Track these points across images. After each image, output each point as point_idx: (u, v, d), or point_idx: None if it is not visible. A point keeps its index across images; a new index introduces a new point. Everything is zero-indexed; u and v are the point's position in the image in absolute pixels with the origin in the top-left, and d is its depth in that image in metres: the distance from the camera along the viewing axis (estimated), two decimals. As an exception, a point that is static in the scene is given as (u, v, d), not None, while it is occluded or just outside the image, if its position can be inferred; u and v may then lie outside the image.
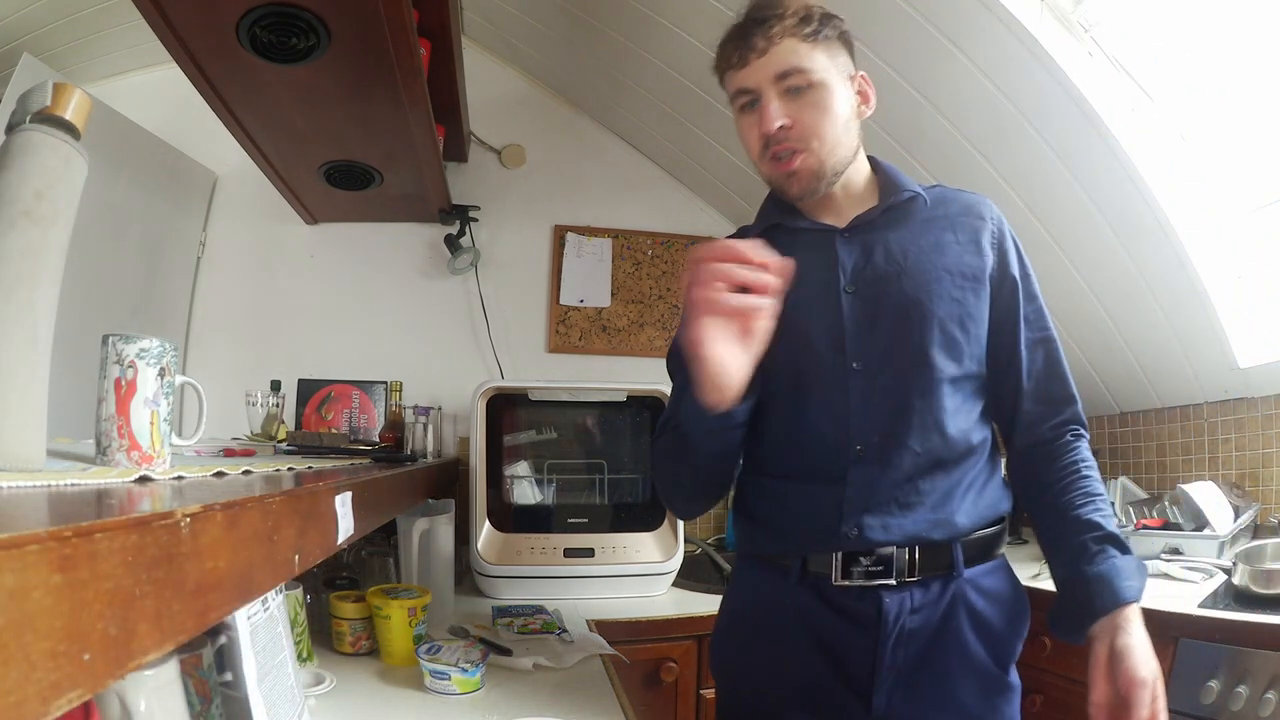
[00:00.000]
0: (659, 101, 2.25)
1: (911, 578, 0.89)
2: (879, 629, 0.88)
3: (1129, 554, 0.87)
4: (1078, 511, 0.90)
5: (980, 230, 0.97)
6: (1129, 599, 0.83)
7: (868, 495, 0.89)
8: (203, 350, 2.22)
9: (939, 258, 0.94)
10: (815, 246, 0.96)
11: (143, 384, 0.63)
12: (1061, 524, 0.91)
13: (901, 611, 0.88)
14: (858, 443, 0.90)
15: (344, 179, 1.94)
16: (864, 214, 0.96)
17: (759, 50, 0.89)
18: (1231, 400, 1.83)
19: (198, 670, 0.73)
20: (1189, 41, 1.59)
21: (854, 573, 0.89)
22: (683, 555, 1.80)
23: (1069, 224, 1.79)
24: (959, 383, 0.93)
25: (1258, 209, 1.73)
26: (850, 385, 0.91)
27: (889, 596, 0.88)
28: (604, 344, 2.46)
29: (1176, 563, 1.53)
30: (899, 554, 0.88)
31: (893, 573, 0.88)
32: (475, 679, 1.09)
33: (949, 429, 0.91)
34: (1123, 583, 0.83)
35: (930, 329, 0.91)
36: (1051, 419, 0.96)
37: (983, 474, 0.94)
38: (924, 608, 0.89)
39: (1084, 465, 0.93)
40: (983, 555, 0.93)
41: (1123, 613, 0.83)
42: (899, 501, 0.89)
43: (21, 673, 0.25)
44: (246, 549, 0.47)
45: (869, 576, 0.89)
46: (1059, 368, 0.97)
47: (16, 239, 0.52)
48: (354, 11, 1.24)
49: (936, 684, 0.89)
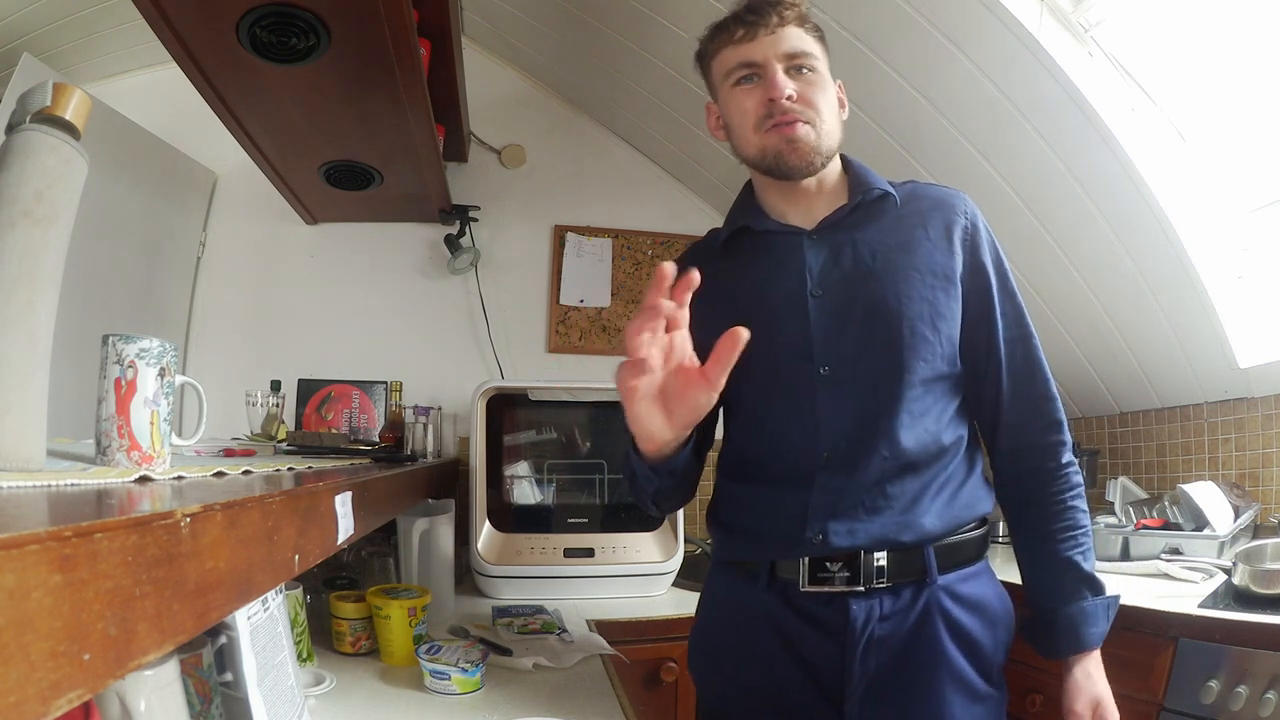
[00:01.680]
0: (659, 101, 2.25)
1: (881, 583, 0.87)
2: (846, 636, 0.87)
3: (1101, 594, 0.92)
4: (1059, 547, 0.92)
5: (952, 225, 0.95)
6: (1089, 646, 0.91)
7: (834, 501, 0.88)
8: (203, 350, 2.22)
9: (908, 256, 0.93)
10: (783, 249, 0.96)
11: (143, 384, 0.63)
12: (1043, 553, 0.94)
13: (870, 619, 0.87)
14: (825, 449, 0.89)
15: (344, 179, 1.94)
16: (832, 214, 0.95)
17: (770, 27, 0.91)
18: (1231, 400, 1.83)
19: (198, 670, 0.73)
20: (1189, 41, 1.59)
21: (821, 579, 0.88)
22: (683, 555, 1.80)
23: (1069, 224, 1.79)
24: (930, 384, 0.91)
25: (1258, 209, 1.73)
26: (818, 391, 0.90)
27: (856, 603, 0.87)
28: (604, 344, 2.46)
29: (1176, 563, 1.53)
30: (866, 559, 0.87)
31: (861, 579, 0.87)
32: (475, 679, 1.09)
33: (919, 432, 0.89)
34: (1087, 630, 0.90)
35: (899, 331, 0.89)
36: (1036, 423, 0.95)
37: (956, 475, 0.92)
38: (894, 615, 0.88)
39: (1071, 495, 0.94)
40: (960, 561, 0.91)
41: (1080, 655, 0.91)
42: (865, 506, 0.88)
43: (21, 673, 0.25)
44: (246, 549, 0.47)
45: (836, 583, 0.88)
46: (1039, 366, 0.96)
47: (16, 239, 0.52)
48: (354, 11, 1.24)
49: (911, 694, 0.88)
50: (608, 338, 2.46)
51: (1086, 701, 0.89)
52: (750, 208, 1.00)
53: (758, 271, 0.97)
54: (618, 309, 2.47)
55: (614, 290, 2.47)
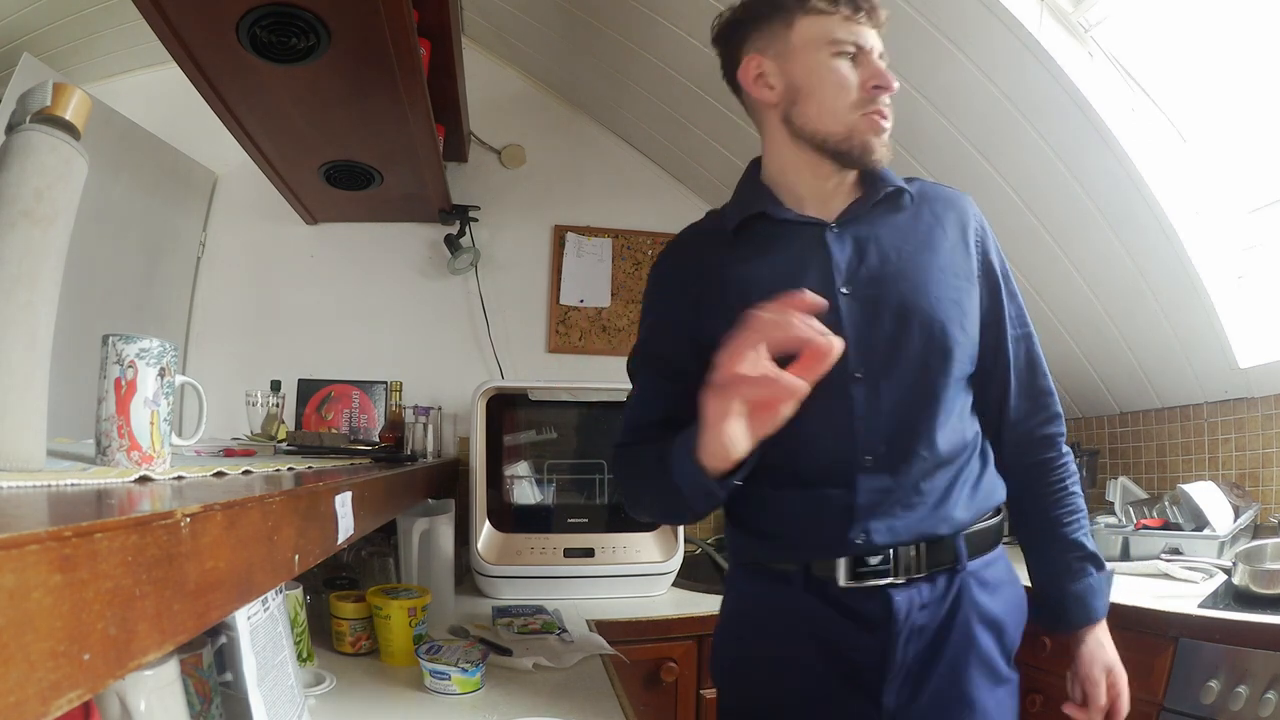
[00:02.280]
0: (659, 101, 2.25)
1: (918, 574, 0.88)
2: (890, 627, 0.88)
3: (1103, 569, 0.98)
4: (1064, 530, 0.98)
5: (966, 225, 0.96)
6: (1099, 618, 0.97)
7: (876, 501, 0.88)
8: (203, 350, 2.22)
9: (932, 256, 0.92)
10: (803, 240, 0.93)
11: (143, 384, 0.63)
12: (1050, 536, 0.99)
13: (911, 608, 0.88)
14: (866, 452, 0.88)
15: (344, 179, 1.94)
16: (853, 206, 0.94)
17: (876, 22, 0.91)
18: (1231, 400, 1.83)
19: (198, 670, 0.73)
20: (1189, 41, 1.59)
21: (860, 574, 0.88)
22: (683, 555, 1.80)
23: (1069, 224, 1.79)
24: (959, 383, 0.92)
25: (1258, 209, 1.73)
26: (853, 394, 0.89)
27: (899, 594, 0.88)
28: (604, 344, 2.45)
29: (1176, 563, 1.53)
30: (903, 551, 0.88)
31: (900, 571, 0.88)
32: (475, 679, 1.09)
33: (949, 431, 0.90)
34: (1096, 603, 0.97)
35: (935, 334, 0.89)
36: (1036, 415, 0.99)
37: (977, 466, 0.94)
38: (931, 603, 0.89)
39: (1070, 481, 1.00)
40: (984, 547, 0.93)
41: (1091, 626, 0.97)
42: (903, 503, 0.89)
43: (21, 673, 0.25)
44: (246, 549, 0.47)
45: (877, 577, 0.88)
46: (1039, 363, 1.00)
47: (16, 239, 0.52)
48: (354, 11, 1.24)
49: (944, 678, 0.89)
50: (608, 338, 2.46)
51: (1101, 667, 0.95)
52: (761, 192, 0.97)
53: (777, 263, 0.93)
54: (618, 309, 2.47)
55: (614, 290, 2.47)
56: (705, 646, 1.64)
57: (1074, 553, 0.97)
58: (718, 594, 1.81)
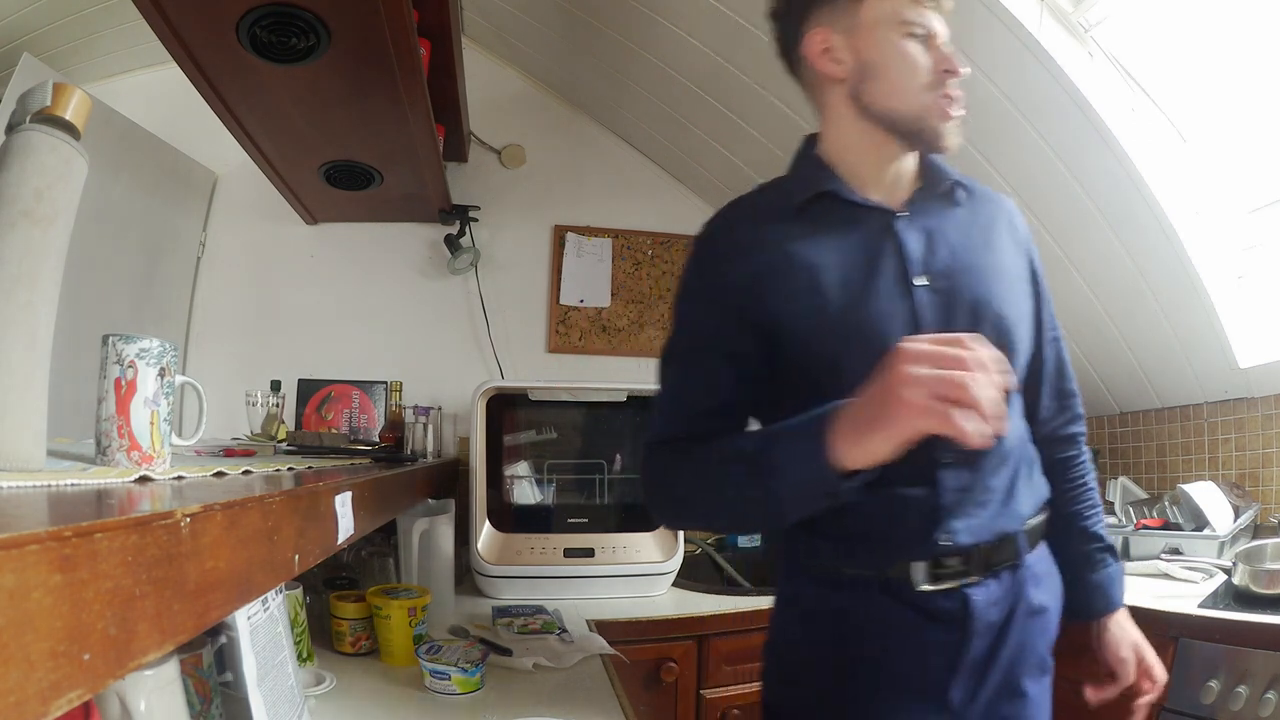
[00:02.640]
0: (659, 101, 2.25)
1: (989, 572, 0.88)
2: (968, 625, 0.87)
3: (1119, 561, 1.03)
4: (1085, 523, 1.02)
5: (1015, 230, 0.97)
6: (1120, 604, 1.02)
7: (957, 501, 0.87)
8: (203, 350, 2.22)
9: (995, 256, 0.92)
10: (870, 226, 0.89)
11: (143, 384, 0.63)
12: (1073, 529, 1.02)
13: (988, 604, 0.88)
14: (946, 450, 0.85)
15: (344, 179, 1.94)
16: (918, 194, 0.92)
17: (943, 9, 0.90)
18: (1231, 400, 1.83)
19: (198, 670, 0.73)
20: (1189, 41, 1.59)
21: (938, 575, 0.87)
22: (683, 555, 1.80)
23: (1069, 224, 1.79)
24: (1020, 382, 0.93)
25: (1258, 209, 1.73)
26: None
27: (976, 592, 0.87)
28: (604, 344, 2.45)
29: (1176, 563, 1.53)
30: (979, 551, 0.87)
31: (976, 569, 0.87)
32: (475, 679, 1.09)
33: (1013, 428, 0.91)
34: (1116, 590, 1.01)
35: (1008, 333, 0.88)
36: (1063, 415, 1.02)
37: (1028, 461, 0.95)
38: (1000, 599, 0.89)
39: (1090, 477, 1.03)
40: (1037, 541, 0.94)
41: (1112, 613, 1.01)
42: (977, 501, 0.88)
43: (21, 673, 0.25)
44: (246, 549, 0.47)
45: (955, 577, 0.87)
46: (1066, 365, 1.03)
47: (16, 239, 0.52)
48: (354, 11, 1.24)
49: (1003, 672, 0.89)
50: (608, 338, 2.46)
51: (1129, 647, 0.99)
52: (824, 172, 0.92)
53: (845, 248, 0.89)
54: (617, 309, 2.47)
55: (614, 290, 2.47)
56: (705, 647, 1.64)
57: (1094, 544, 1.01)
58: (717, 594, 1.83)
